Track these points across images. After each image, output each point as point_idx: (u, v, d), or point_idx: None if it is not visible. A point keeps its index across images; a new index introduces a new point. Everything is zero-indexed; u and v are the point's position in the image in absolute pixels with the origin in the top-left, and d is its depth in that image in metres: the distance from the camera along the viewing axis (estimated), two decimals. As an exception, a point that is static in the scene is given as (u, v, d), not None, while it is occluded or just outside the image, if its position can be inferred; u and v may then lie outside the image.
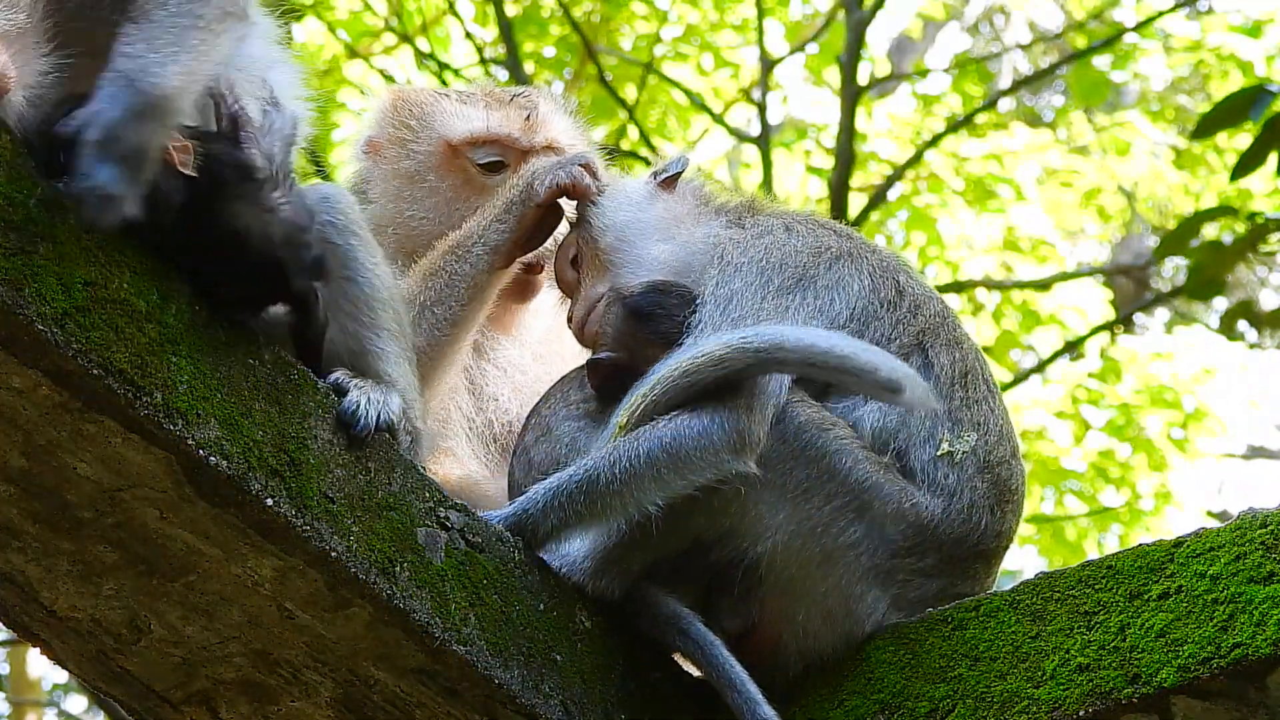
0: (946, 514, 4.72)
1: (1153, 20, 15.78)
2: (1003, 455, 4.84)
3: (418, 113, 5.67)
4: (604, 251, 5.10)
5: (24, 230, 3.88)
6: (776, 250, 4.86)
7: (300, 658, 4.36)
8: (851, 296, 4.81)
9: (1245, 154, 8.60)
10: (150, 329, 4.04)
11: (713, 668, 4.59)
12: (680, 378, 4.58)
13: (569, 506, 4.57)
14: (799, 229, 4.92)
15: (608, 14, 15.63)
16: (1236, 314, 11.27)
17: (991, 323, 15.78)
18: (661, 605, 4.67)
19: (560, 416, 4.95)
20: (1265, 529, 4.31)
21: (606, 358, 4.97)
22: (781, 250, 4.86)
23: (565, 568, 4.67)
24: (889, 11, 16.45)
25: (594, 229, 5.13)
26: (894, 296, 4.85)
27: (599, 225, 5.13)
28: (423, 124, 5.65)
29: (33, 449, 4.01)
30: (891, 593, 4.71)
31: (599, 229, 5.13)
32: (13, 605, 4.32)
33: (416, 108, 5.69)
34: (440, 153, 5.62)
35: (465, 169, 5.60)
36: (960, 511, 4.73)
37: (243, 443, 4.13)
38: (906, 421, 4.74)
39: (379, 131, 5.75)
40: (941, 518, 4.72)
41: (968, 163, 16.04)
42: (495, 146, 5.61)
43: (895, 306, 4.84)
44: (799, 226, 4.93)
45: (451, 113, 5.65)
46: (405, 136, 5.65)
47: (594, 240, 5.12)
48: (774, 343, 4.54)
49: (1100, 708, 4.32)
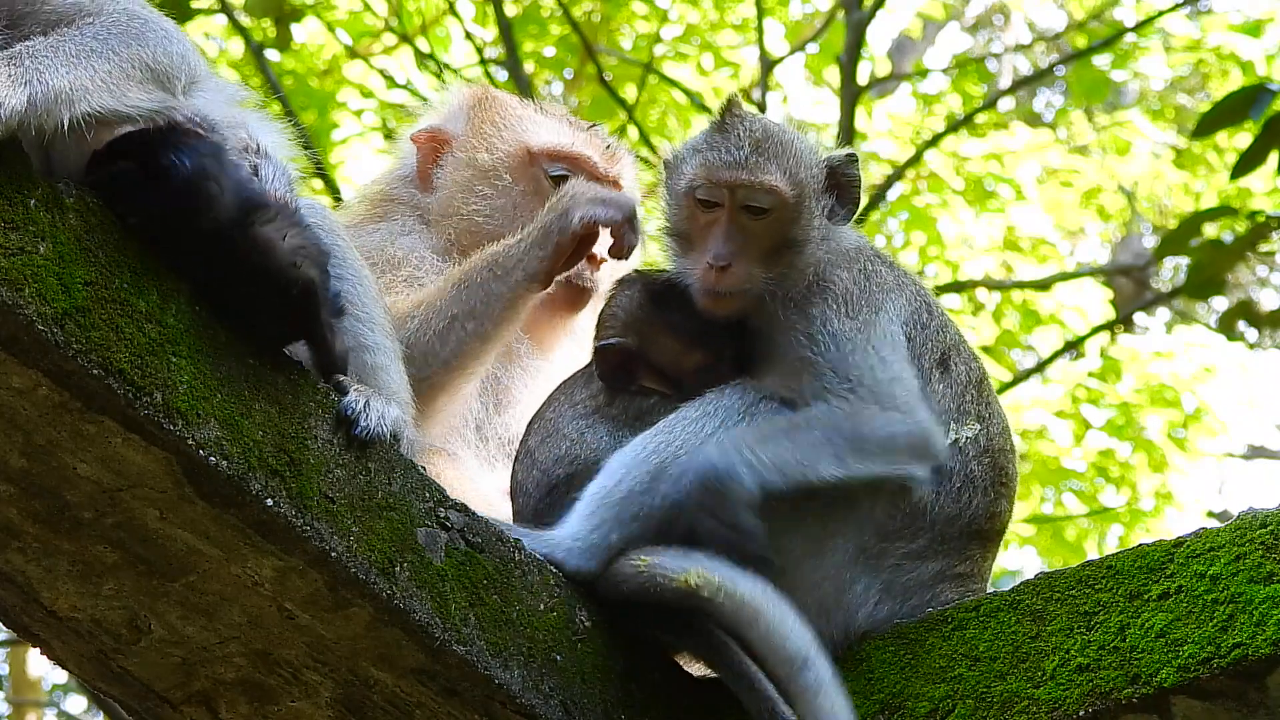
0: (936, 493, 4.76)
1: (1153, 20, 15.78)
2: (1003, 446, 4.93)
3: (504, 114, 5.78)
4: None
5: (24, 230, 3.88)
6: (858, 297, 4.88)
7: (300, 658, 4.36)
8: (903, 325, 4.89)
9: (1245, 153, 8.62)
10: (150, 329, 4.04)
11: (727, 667, 4.58)
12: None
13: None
14: (871, 268, 4.95)
15: (608, 14, 15.64)
16: (1236, 314, 11.28)
17: (991, 322, 15.79)
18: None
19: (567, 417, 4.93)
20: (1265, 529, 4.32)
21: (615, 343, 4.95)
22: (862, 295, 4.89)
23: (544, 549, 4.65)
24: (889, 11, 16.46)
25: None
26: (926, 318, 4.95)
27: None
28: (507, 125, 5.75)
29: (33, 449, 4.00)
30: (883, 578, 4.72)
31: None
32: (13, 605, 4.32)
33: (503, 110, 5.80)
34: (518, 155, 5.71)
35: (537, 177, 5.69)
36: (951, 491, 4.77)
37: (243, 443, 4.13)
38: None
39: (452, 125, 5.84)
40: (931, 497, 4.75)
41: (968, 162, 16.06)
42: (571, 163, 5.69)
43: (926, 327, 4.94)
44: (871, 266, 4.96)
45: (538, 122, 5.77)
46: (488, 131, 5.75)
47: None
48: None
49: (1100, 708, 4.32)
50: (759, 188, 4.85)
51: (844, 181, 5.00)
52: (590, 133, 5.79)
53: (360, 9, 14.48)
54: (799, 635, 4.49)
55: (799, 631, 4.50)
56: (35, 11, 4.12)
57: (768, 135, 4.91)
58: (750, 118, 4.96)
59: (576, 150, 5.72)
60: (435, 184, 5.77)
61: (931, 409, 4.77)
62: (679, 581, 4.53)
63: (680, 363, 4.91)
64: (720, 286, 4.83)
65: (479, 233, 5.61)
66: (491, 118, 5.78)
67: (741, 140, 4.89)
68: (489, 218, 5.64)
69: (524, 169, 5.70)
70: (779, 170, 4.87)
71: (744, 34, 15.89)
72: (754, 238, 4.85)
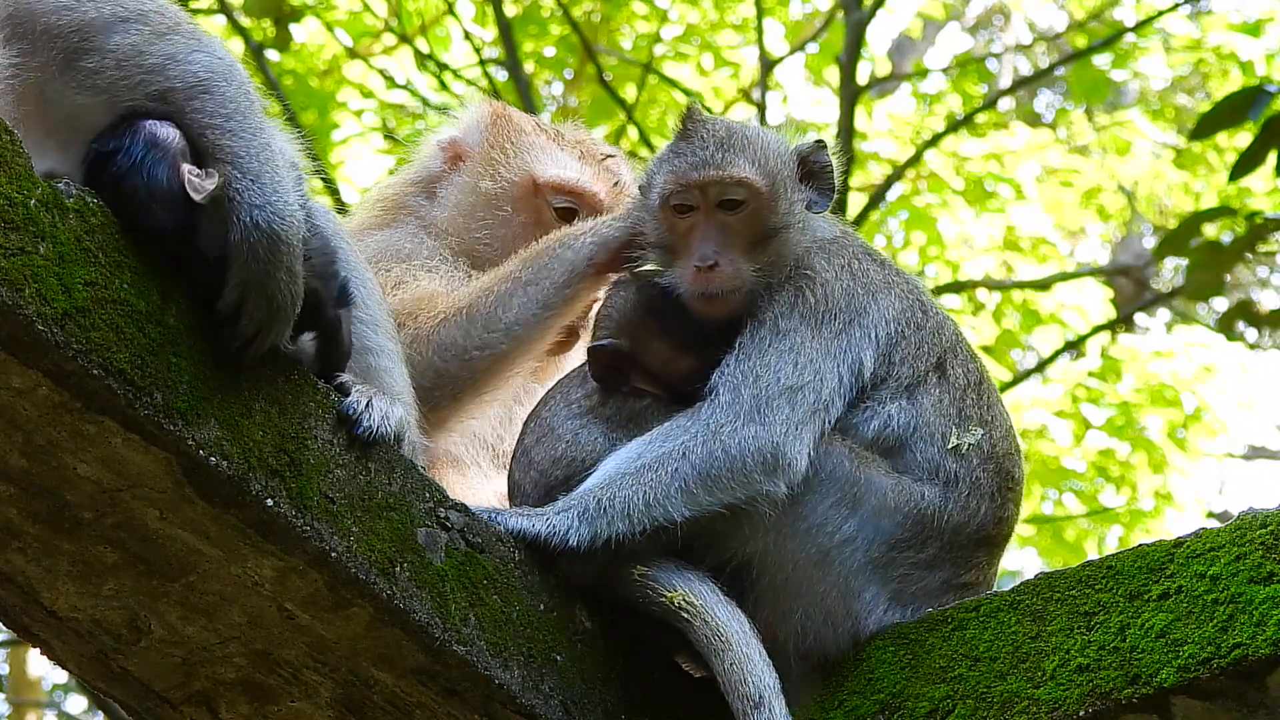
0: (945, 502, 4.75)
1: (1153, 20, 15.78)
2: (1008, 449, 4.91)
3: (515, 139, 5.70)
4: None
5: (25, 230, 3.88)
6: (840, 294, 4.86)
7: (300, 658, 4.36)
8: (889, 322, 4.87)
9: (1244, 154, 8.62)
10: (151, 329, 4.04)
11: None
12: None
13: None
14: (856, 265, 4.93)
15: (608, 14, 15.64)
16: (1236, 314, 11.27)
17: (992, 322, 15.79)
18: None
19: (562, 416, 4.93)
20: (1265, 529, 4.32)
21: (608, 345, 4.94)
22: (845, 292, 4.87)
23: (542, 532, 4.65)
24: (889, 11, 16.46)
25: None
26: (920, 318, 4.93)
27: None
28: (516, 152, 5.68)
29: (33, 449, 4.00)
30: (891, 587, 4.72)
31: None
32: (13, 605, 4.32)
33: (515, 134, 5.72)
34: (523, 185, 5.64)
35: (540, 209, 5.63)
36: (959, 499, 4.77)
37: (243, 443, 4.13)
38: (915, 424, 4.79)
39: (468, 139, 5.76)
40: (940, 506, 4.75)
41: (968, 162, 16.05)
42: (575, 198, 5.64)
43: (921, 327, 4.91)
44: (856, 263, 4.94)
45: (547, 152, 5.69)
46: (496, 158, 5.67)
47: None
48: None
49: (1100, 708, 4.32)
50: (729, 180, 4.86)
51: (817, 169, 5.02)
52: (601, 166, 5.71)
53: (360, 9, 14.48)
54: (760, 676, 4.54)
55: (761, 672, 4.55)
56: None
57: (731, 132, 4.93)
58: (712, 121, 4.98)
59: (582, 186, 5.64)
60: (440, 196, 5.72)
61: (807, 421, 4.69)
62: (667, 598, 4.60)
63: (672, 367, 4.90)
64: (711, 287, 4.83)
65: (477, 256, 5.58)
66: (503, 141, 5.71)
67: (706, 141, 4.91)
68: (488, 245, 5.59)
69: (528, 199, 5.64)
70: (747, 161, 4.88)
71: (744, 34, 15.89)
72: (735, 233, 4.86)
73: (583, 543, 4.58)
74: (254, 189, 4.14)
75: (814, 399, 4.69)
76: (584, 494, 4.64)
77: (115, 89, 4.19)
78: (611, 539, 4.59)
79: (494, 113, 5.78)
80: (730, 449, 4.62)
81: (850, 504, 4.69)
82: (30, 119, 4.16)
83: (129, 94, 4.19)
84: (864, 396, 4.81)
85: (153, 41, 4.22)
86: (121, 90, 4.18)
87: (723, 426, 4.65)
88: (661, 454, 4.64)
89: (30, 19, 4.18)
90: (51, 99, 4.20)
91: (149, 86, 4.19)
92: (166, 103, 4.19)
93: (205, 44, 4.27)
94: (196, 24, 4.34)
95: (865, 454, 4.75)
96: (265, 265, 4.12)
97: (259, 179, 4.15)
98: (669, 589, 4.60)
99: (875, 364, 4.82)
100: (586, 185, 5.65)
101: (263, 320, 4.12)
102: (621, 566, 4.63)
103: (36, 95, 4.18)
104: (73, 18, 4.19)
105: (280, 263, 4.13)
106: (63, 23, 4.18)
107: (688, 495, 4.60)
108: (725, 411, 4.67)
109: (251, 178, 4.15)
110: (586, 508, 4.61)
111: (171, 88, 4.20)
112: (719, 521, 4.63)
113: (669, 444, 4.65)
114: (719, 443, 4.63)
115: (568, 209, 5.60)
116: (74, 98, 4.19)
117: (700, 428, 4.66)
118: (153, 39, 4.22)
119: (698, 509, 4.60)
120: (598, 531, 4.59)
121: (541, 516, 4.62)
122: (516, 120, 5.77)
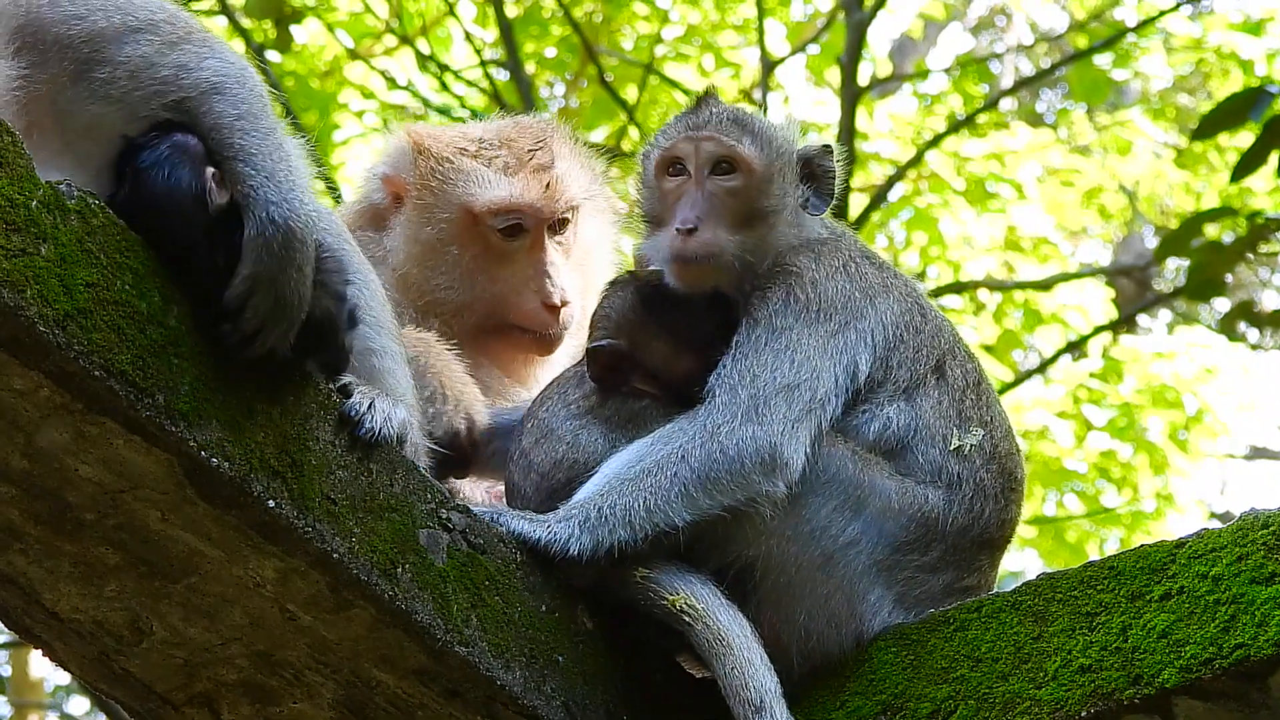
0: (949, 504, 4.75)
1: (1154, 20, 15.78)
2: (1009, 450, 4.92)
3: (439, 173, 5.59)
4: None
5: (26, 232, 3.88)
6: (835, 294, 4.85)
7: (302, 659, 4.36)
8: (886, 326, 4.87)
9: (1246, 154, 8.62)
10: (152, 331, 4.04)
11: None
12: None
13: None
14: (853, 267, 4.92)
15: (609, 14, 15.63)
16: (1237, 315, 11.28)
17: (993, 323, 15.78)
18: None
19: (560, 417, 4.91)
20: (1267, 530, 4.32)
21: (607, 345, 4.93)
22: (840, 294, 4.86)
23: (543, 538, 4.65)
24: (890, 12, 16.46)
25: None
26: (919, 321, 4.93)
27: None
28: (444, 187, 5.57)
29: (34, 450, 4.00)
30: (895, 590, 4.72)
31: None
32: (15, 607, 4.32)
33: (439, 165, 5.59)
34: (461, 221, 5.55)
35: (485, 235, 5.54)
36: (963, 501, 4.77)
37: (244, 444, 4.13)
38: (915, 426, 4.79)
39: (400, 175, 5.65)
40: (944, 509, 4.75)
41: (969, 162, 16.04)
42: (516, 214, 5.55)
43: (919, 330, 4.91)
44: (853, 265, 4.93)
45: (473, 176, 5.57)
46: (428, 200, 5.57)
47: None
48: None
49: (1102, 708, 4.32)
50: (723, 144, 4.89)
51: (820, 173, 5.02)
52: (529, 170, 5.57)
53: (361, 10, 14.49)
54: (761, 680, 4.54)
55: (763, 676, 4.55)
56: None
57: (739, 111, 4.99)
58: (725, 104, 5.03)
59: (516, 202, 5.53)
60: (391, 230, 5.62)
61: (804, 419, 4.68)
62: (669, 601, 4.59)
63: (671, 366, 4.89)
64: (687, 250, 4.82)
65: (444, 302, 5.53)
66: (428, 179, 5.57)
67: (711, 111, 4.97)
68: (450, 289, 5.53)
69: (470, 232, 5.54)
70: (746, 137, 4.92)
71: (745, 34, 15.88)
72: (721, 203, 4.87)
73: (584, 552, 4.58)
74: (270, 186, 4.15)
75: (810, 397, 4.69)
76: (584, 501, 4.64)
77: (130, 99, 4.21)
78: (614, 547, 4.58)
79: (415, 144, 5.64)
80: (728, 450, 4.62)
81: (854, 506, 4.69)
82: (43, 130, 4.18)
83: (145, 104, 4.22)
84: (862, 399, 4.81)
85: (164, 52, 4.24)
86: (137, 101, 4.21)
87: (720, 427, 4.65)
88: (661, 458, 4.63)
89: (40, 30, 4.19)
90: (65, 110, 4.21)
91: (165, 97, 4.23)
92: (182, 111, 4.22)
93: (217, 49, 4.29)
94: (206, 29, 4.35)
95: (868, 456, 4.75)
96: (278, 260, 4.13)
97: (274, 176, 4.17)
98: (671, 592, 4.60)
99: (871, 368, 4.81)
100: (520, 199, 5.54)
101: (266, 316, 4.12)
102: (623, 570, 4.63)
103: (48, 106, 4.20)
104: (83, 28, 4.20)
105: (292, 259, 4.14)
106: (73, 33, 4.19)
107: (688, 499, 4.60)
108: (723, 412, 4.67)
109: (266, 175, 4.16)
110: (588, 516, 4.60)
111: (186, 96, 4.23)
112: (721, 525, 4.63)
113: (668, 447, 4.65)
114: (717, 444, 4.63)
115: (512, 226, 5.53)
116: (89, 107, 4.21)
117: (698, 430, 4.66)
118: (164, 49, 4.24)
119: (698, 513, 4.60)
120: (599, 540, 4.59)
121: (543, 523, 4.62)
122: (436, 150, 5.62)
